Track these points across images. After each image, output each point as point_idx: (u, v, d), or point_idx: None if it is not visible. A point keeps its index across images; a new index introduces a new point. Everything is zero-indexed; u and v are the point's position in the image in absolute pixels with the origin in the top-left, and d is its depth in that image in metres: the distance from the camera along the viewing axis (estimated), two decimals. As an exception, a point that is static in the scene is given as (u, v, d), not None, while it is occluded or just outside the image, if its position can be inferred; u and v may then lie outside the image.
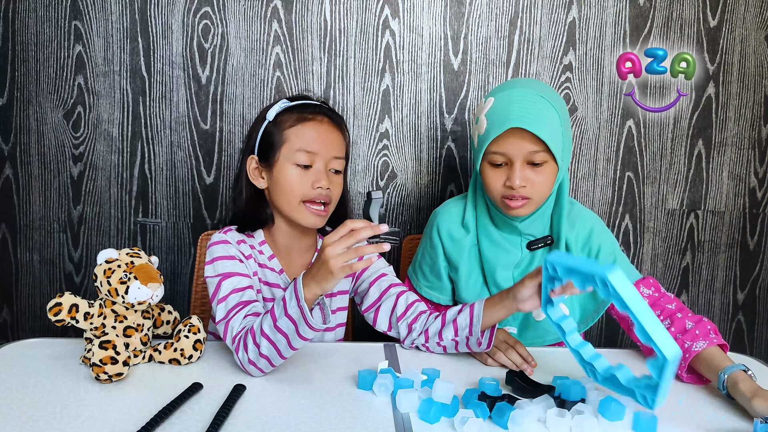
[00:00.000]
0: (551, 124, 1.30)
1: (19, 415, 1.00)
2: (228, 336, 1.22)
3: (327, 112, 1.38)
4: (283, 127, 1.34)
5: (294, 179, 1.33)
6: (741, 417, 1.08)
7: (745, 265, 1.96)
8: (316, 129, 1.34)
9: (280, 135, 1.34)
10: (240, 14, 1.77)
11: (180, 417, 1.01)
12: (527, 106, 1.29)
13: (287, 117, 1.35)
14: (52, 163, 1.80)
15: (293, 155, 1.33)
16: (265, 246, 1.40)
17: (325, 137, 1.34)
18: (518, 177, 1.31)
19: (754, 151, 1.91)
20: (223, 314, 1.24)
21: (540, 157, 1.31)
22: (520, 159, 1.31)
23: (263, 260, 1.40)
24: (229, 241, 1.34)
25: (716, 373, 1.14)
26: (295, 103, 1.37)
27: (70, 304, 1.14)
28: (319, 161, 1.33)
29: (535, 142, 1.29)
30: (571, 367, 1.25)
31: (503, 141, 1.30)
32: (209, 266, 1.31)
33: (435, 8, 1.79)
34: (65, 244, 1.84)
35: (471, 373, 1.24)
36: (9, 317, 1.87)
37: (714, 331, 1.24)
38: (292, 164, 1.33)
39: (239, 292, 1.26)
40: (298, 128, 1.34)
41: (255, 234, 1.41)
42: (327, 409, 1.06)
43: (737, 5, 1.83)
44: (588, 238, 1.41)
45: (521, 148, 1.30)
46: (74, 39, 1.76)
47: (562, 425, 1.01)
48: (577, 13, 1.81)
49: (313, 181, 1.32)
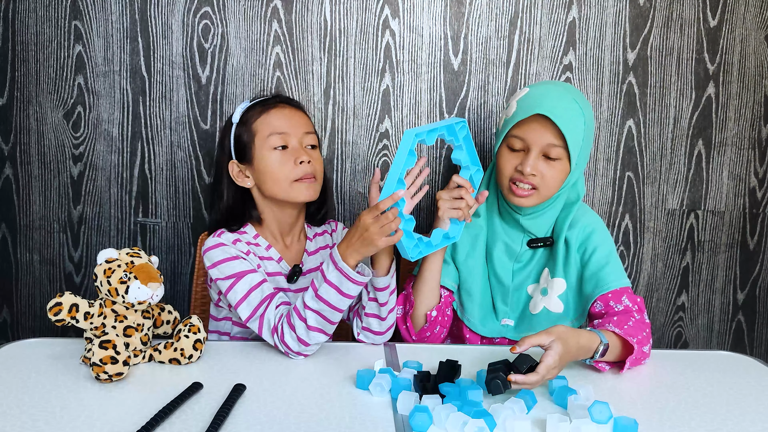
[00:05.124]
0: (576, 125, 1.35)
1: (19, 415, 1.00)
2: (265, 328, 1.29)
3: (285, 100, 1.46)
4: (250, 123, 1.41)
5: (276, 162, 1.38)
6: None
7: (745, 265, 1.96)
8: (279, 112, 1.41)
9: (250, 131, 1.40)
10: (240, 14, 1.77)
11: (180, 417, 1.01)
12: (559, 102, 1.35)
13: (250, 114, 1.42)
14: (52, 163, 1.80)
15: (267, 141, 1.38)
16: (260, 238, 1.44)
17: (290, 117, 1.42)
18: (530, 164, 1.35)
19: (754, 151, 1.91)
20: (250, 312, 1.30)
21: (556, 152, 1.35)
22: (537, 148, 1.35)
23: (261, 252, 1.42)
24: (225, 243, 1.37)
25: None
26: (254, 101, 1.45)
27: (70, 304, 1.14)
28: (293, 139, 1.40)
29: (556, 136, 1.34)
30: (571, 368, 1.26)
31: (526, 127, 1.35)
32: (214, 270, 1.34)
33: (435, 8, 1.79)
34: (65, 244, 1.84)
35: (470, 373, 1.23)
36: (9, 317, 1.87)
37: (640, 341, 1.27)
38: (269, 149, 1.38)
39: (257, 288, 1.31)
40: (263, 118, 1.40)
41: (246, 229, 1.44)
42: (327, 409, 1.06)
43: (737, 5, 1.83)
44: (586, 239, 1.43)
45: (542, 136, 1.34)
46: (74, 39, 1.76)
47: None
48: (577, 13, 1.81)
49: (294, 158, 1.38)
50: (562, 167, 1.36)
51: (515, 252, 1.46)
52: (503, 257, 1.46)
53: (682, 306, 1.96)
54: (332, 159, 1.83)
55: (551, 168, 1.36)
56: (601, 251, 1.41)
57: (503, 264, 1.46)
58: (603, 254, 1.41)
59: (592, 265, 1.41)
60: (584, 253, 1.42)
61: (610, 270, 1.39)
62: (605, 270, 1.39)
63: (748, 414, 1.09)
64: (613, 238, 1.90)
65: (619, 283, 1.38)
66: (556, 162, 1.36)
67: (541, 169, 1.36)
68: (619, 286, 1.38)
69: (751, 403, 1.14)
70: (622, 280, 1.40)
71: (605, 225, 1.49)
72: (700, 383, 1.21)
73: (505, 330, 1.46)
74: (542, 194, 1.38)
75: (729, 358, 1.36)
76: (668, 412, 1.09)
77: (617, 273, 1.40)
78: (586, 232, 1.43)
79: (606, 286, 1.38)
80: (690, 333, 1.98)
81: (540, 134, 1.34)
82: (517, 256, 1.46)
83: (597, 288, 1.39)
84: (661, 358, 1.35)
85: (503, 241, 1.46)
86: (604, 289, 1.38)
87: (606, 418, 1.00)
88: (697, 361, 1.34)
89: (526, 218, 1.43)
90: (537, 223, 1.43)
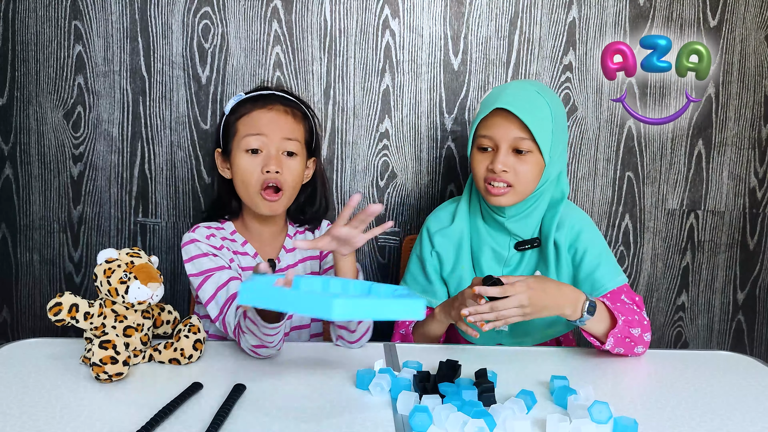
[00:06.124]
0: (541, 116, 1.33)
1: (19, 415, 1.00)
2: (228, 331, 1.29)
3: (279, 99, 1.40)
4: (236, 117, 1.39)
5: (246, 165, 1.36)
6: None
7: (745, 265, 1.96)
8: (264, 115, 1.38)
9: (234, 125, 1.39)
10: (240, 14, 1.77)
11: (180, 417, 1.01)
12: (518, 94, 1.35)
13: (241, 108, 1.40)
14: (52, 163, 1.80)
15: (242, 142, 1.36)
16: (237, 234, 1.44)
17: (274, 121, 1.37)
18: (500, 161, 1.34)
19: (754, 151, 1.91)
20: (218, 311, 1.30)
21: (526, 145, 1.33)
22: (505, 144, 1.34)
23: (237, 248, 1.42)
24: (198, 239, 1.37)
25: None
26: (250, 94, 1.42)
27: (70, 304, 1.14)
28: (270, 145, 1.36)
29: (522, 129, 1.33)
30: (571, 367, 1.26)
31: (491, 124, 1.35)
32: (189, 264, 1.36)
33: (435, 8, 1.79)
34: (65, 244, 1.84)
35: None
36: (9, 317, 1.87)
37: (630, 322, 1.27)
38: (242, 151, 1.37)
39: (224, 288, 1.31)
40: (246, 117, 1.38)
41: (225, 225, 1.44)
42: (327, 409, 1.06)
43: (737, 5, 1.83)
44: (575, 239, 1.40)
45: (507, 131, 1.33)
46: (74, 39, 1.76)
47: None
48: (577, 13, 1.81)
49: (262, 165, 1.35)
50: (535, 161, 1.35)
51: (503, 256, 1.43)
52: (491, 263, 1.44)
53: (682, 306, 1.96)
54: (332, 159, 1.83)
55: (523, 162, 1.34)
56: (592, 251, 1.39)
57: (492, 270, 1.43)
58: (594, 254, 1.39)
59: (585, 267, 1.39)
60: (575, 254, 1.40)
61: (604, 270, 1.38)
62: (599, 271, 1.38)
63: (748, 414, 1.09)
64: (613, 238, 1.91)
65: (614, 282, 1.37)
66: (528, 156, 1.34)
67: (512, 165, 1.34)
68: (615, 286, 1.37)
69: (751, 403, 1.13)
70: (617, 278, 1.38)
71: (592, 222, 1.46)
72: (700, 383, 1.21)
73: (499, 336, 1.44)
74: (519, 190, 1.36)
75: (729, 358, 1.36)
76: (668, 412, 1.09)
77: (612, 272, 1.38)
78: (575, 232, 1.40)
79: (602, 288, 1.37)
80: (690, 333, 1.98)
81: (505, 128, 1.33)
82: (506, 261, 1.43)
83: (593, 291, 1.38)
84: (661, 358, 1.35)
85: (490, 246, 1.44)
86: (600, 291, 1.37)
87: (606, 418, 1.00)
88: (697, 361, 1.33)
89: (511, 221, 1.41)
90: (522, 224, 1.41)
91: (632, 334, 1.27)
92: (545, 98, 1.35)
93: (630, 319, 1.27)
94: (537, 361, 1.29)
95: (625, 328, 1.26)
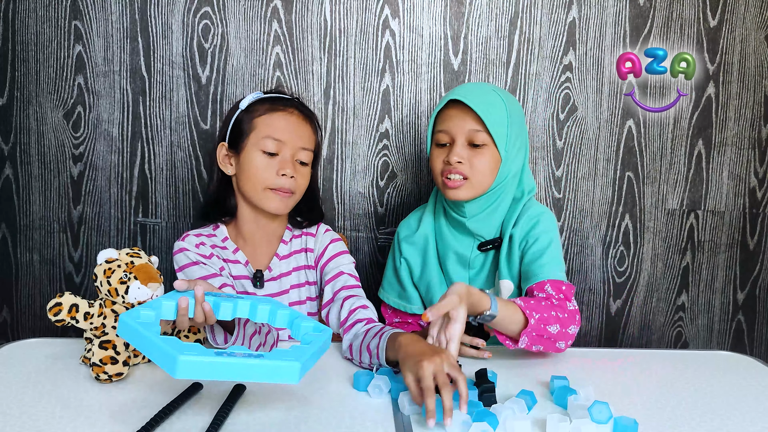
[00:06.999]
0: (495, 110, 1.36)
1: (19, 415, 1.00)
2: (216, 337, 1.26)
3: (298, 106, 1.42)
4: (254, 115, 1.39)
5: (260, 165, 1.36)
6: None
7: (745, 265, 1.96)
8: (285, 119, 1.38)
9: (250, 123, 1.38)
10: (240, 14, 1.77)
11: (180, 417, 1.01)
12: (474, 89, 1.39)
13: (259, 107, 1.39)
14: (52, 163, 1.80)
15: (260, 142, 1.36)
16: (228, 242, 1.43)
17: (294, 127, 1.39)
18: (456, 152, 1.35)
19: (754, 151, 1.91)
20: None
21: (481, 138, 1.36)
22: (461, 136, 1.36)
23: (228, 255, 1.42)
24: (187, 247, 1.38)
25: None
26: (268, 95, 1.42)
27: (70, 304, 1.14)
28: (286, 150, 1.37)
29: (477, 121, 1.35)
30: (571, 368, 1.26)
31: (446, 117, 1.38)
32: (180, 274, 1.36)
33: (435, 8, 1.79)
34: (65, 244, 1.84)
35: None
36: (9, 317, 1.87)
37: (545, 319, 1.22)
38: (258, 151, 1.36)
39: None
40: (267, 117, 1.38)
41: (217, 232, 1.44)
42: (327, 409, 1.06)
43: (737, 5, 1.83)
44: (528, 231, 1.39)
45: (462, 122, 1.36)
46: (74, 39, 1.76)
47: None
48: (577, 13, 1.81)
49: (278, 168, 1.36)
50: (491, 154, 1.36)
51: (467, 258, 1.44)
52: (456, 267, 1.44)
53: (682, 306, 1.96)
54: (332, 159, 1.83)
55: (479, 155, 1.36)
56: (539, 243, 1.36)
57: (458, 273, 1.44)
58: (540, 246, 1.36)
59: (526, 258, 1.36)
60: (525, 246, 1.38)
61: (543, 262, 1.33)
62: (537, 262, 1.34)
63: (748, 414, 1.09)
64: (613, 238, 1.90)
65: (545, 275, 1.32)
66: (483, 149, 1.36)
67: (468, 157, 1.36)
68: (546, 278, 1.32)
69: (751, 403, 1.14)
70: (551, 273, 1.33)
71: (554, 219, 1.43)
72: (700, 383, 1.21)
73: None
74: (474, 183, 1.36)
75: (729, 358, 1.36)
76: (668, 412, 1.09)
77: (550, 265, 1.34)
78: (530, 225, 1.39)
79: (533, 278, 1.33)
80: (690, 333, 1.98)
81: (460, 120, 1.36)
82: (470, 263, 1.44)
83: (525, 282, 1.35)
84: (661, 358, 1.35)
85: (454, 250, 1.44)
86: (531, 282, 1.33)
87: (606, 418, 1.00)
88: (697, 361, 1.33)
89: (472, 220, 1.40)
90: (484, 225, 1.41)
91: (549, 331, 1.23)
92: (500, 96, 1.38)
93: (546, 316, 1.22)
94: (537, 361, 1.29)
95: (539, 325, 1.21)
